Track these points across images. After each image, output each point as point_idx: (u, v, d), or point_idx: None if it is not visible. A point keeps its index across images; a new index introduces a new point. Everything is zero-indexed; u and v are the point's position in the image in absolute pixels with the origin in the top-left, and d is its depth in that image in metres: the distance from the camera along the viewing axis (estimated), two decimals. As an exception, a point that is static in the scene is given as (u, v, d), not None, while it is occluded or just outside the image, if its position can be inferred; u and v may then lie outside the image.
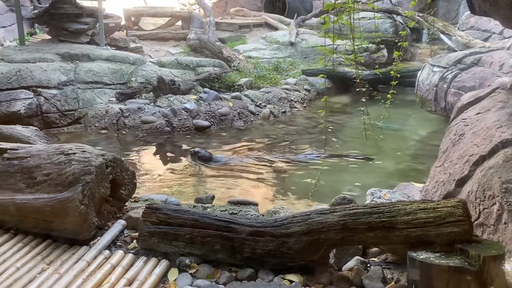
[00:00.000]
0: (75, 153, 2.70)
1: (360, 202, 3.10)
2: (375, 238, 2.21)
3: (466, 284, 1.90)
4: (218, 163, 5.05)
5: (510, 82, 3.32)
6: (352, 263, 2.45)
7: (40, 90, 6.10)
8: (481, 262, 1.90)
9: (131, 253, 2.55)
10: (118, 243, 2.67)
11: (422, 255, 2.02)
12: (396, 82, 4.34)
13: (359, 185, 4.44)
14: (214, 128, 6.39)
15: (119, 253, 2.53)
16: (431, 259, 1.99)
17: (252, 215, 3.09)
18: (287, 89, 7.81)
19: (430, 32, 10.16)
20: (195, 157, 5.11)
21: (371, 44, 9.58)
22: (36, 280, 2.29)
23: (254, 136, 6.26)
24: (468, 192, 2.55)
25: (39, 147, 2.90)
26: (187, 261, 2.40)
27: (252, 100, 7.17)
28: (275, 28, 11.91)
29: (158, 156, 5.53)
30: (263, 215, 3.12)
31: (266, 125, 6.75)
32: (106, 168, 2.73)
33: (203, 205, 3.34)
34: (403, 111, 7.14)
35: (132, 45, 9.59)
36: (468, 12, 9.42)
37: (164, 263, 2.43)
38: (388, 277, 2.37)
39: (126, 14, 11.64)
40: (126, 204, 3.08)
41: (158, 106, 6.48)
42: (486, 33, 9.28)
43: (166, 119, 6.24)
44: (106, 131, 6.12)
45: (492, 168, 2.44)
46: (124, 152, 5.41)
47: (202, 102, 6.64)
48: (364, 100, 4.11)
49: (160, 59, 8.15)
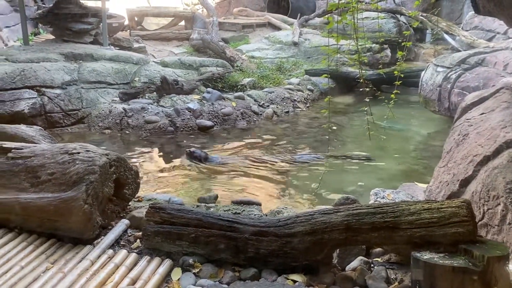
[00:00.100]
0: (79, 152, 2.71)
1: (363, 202, 3.11)
2: (379, 238, 2.21)
3: (470, 284, 1.90)
4: (214, 163, 5.06)
5: (514, 82, 3.31)
6: (356, 263, 2.45)
7: (44, 89, 6.11)
8: (485, 262, 1.89)
9: (135, 252, 2.56)
10: (122, 243, 2.68)
11: (426, 256, 2.02)
12: (399, 82, 4.32)
13: (363, 185, 4.44)
14: (217, 128, 6.39)
15: (123, 252, 2.54)
16: (435, 259, 1.98)
17: (255, 215, 3.09)
18: (290, 89, 7.80)
19: (434, 32, 10.13)
20: (191, 156, 5.12)
21: (374, 44, 9.57)
22: (40, 279, 2.30)
23: (257, 136, 6.26)
24: (472, 192, 2.54)
25: (43, 147, 2.91)
26: (191, 260, 2.40)
27: (255, 100, 7.17)
28: (278, 28, 11.90)
29: (161, 156, 5.54)
30: (266, 215, 3.12)
31: (269, 125, 6.75)
32: (110, 167, 2.74)
33: (206, 204, 3.34)
34: (407, 111, 7.13)
35: (136, 45, 9.61)
36: (472, 12, 9.38)
37: (167, 263, 2.44)
38: (392, 277, 2.36)
39: (130, 14, 11.67)
40: (130, 203, 3.09)
41: (161, 106, 6.49)
42: (490, 33, 9.24)
43: (170, 119, 6.25)
44: (109, 131, 6.13)
45: (496, 169, 2.44)
46: (128, 152, 5.42)
47: (205, 102, 6.65)
48: (367, 100, 4.10)
49: (163, 59, 8.15)
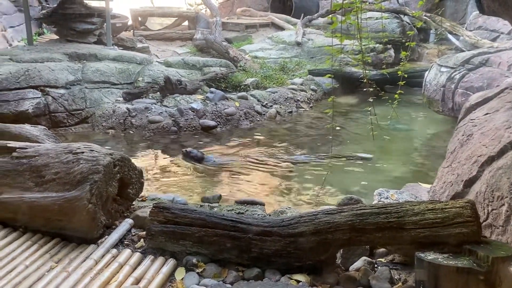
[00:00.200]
0: (83, 152, 2.72)
1: (367, 203, 3.10)
2: (383, 238, 2.21)
3: (474, 285, 1.89)
4: (210, 163, 5.07)
5: (519, 83, 3.29)
6: (359, 263, 2.45)
7: (48, 89, 6.14)
8: (489, 263, 1.89)
9: (139, 252, 2.56)
10: (126, 242, 2.69)
11: (430, 256, 2.01)
12: (403, 82, 4.31)
13: (366, 185, 4.43)
14: (221, 128, 6.39)
15: (127, 251, 2.55)
16: (439, 259, 1.97)
17: (258, 215, 3.09)
18: (293, 89, 7.80)
19: (438, 32, 10.11)
20: (187, 157, 5.13)
21: (378, 44, 9.55)
22: (44, 278, 2.31)
23: (259, 136, 6.26)
24: (477, 193, 2.53)
25: (48, 146, 2.92)
26: (194, 260, 2.40)
27: (258, 100, 7.18)
28: (282, 28, 11.91)
29: (165, 156, 5.55)
30: (270, 215, 3.12)
31: (272, 125, 6.75)
32: (114, 167, 2.75)
33: (210, 204, 3.35)
34: (410, 112, 7.12)
35: (139, 45, 9.63)
36: (476, 12, 9.36)
37: (171, 262, 2.44)
38: (396, 277, 2.36)
39: (133, 14, 11.69)
40: (134, 203, 3.09)
41: (164, 106, 6.50)
42: (494, 33, 9.21)
43: (173, 118, 6.26)
44: (113, 131, 6.15)
45: (501, 169, 2.43)
46: (131, 152, 5.43)
47: (208, 102, 6.65)
48: (371, 100, 4.09)
49: (166, 59, 8.17)
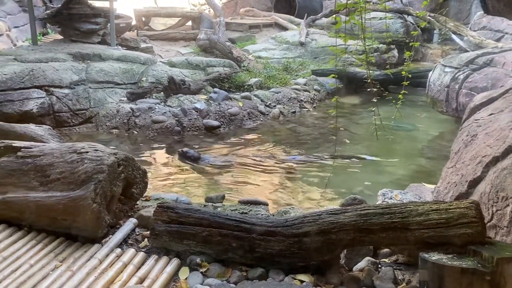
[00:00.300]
0: (87, 151, 2.73)
1: (371, 203, 3.10)
2: (387, 239, 2.21)
3: (479, 286, 1.89)
4: (207, 163, 5.09)
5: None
6: (363, 263, 2.45)
7: (52, 89, 6.15)
8: (494, 264, 1.88)
9: (143, 251, 2.57)
10: (130, 242, 2.70)
11: (434, 256, 2.01)
12: (407, 82, 4.31)
13: (370, 185, 4.43)
14: (224, 128, 6.40)
15: (131, 251, 2.55)
16: (444, 260, 1.97)
17: (262, 214, 3.09)
18: (297, 89, 7.80)
19: (442, 32, 10.08)
20: (184, 157, 5.14)
21: (381, 44, 9.54)
22: (49, 277, 2.32)
23: (263, 136, 6.26)
24: (481, 193, 2.53)
25: (52, 146, 2.93)
26: (198, 260, 2.41)
27: (262, 100, 7.18)
28: (285, 28, 11.90)
29: (168, 156, 5.56)
30: (273, 215, 3.12)
31: (275, 125, 6.75)
32: (118, 167, 2.75)
33: (214, 204, 3.35)
34: (414, 112, 7.10)
35: (143, 45, 9.65)
36: (480, 12, 9.34)
37: (175, 262, 2.45)
38: (399, 278, 2.36)
39: (137, 15, 11.71)
40: (138, 202, 3.10)
41: (168, 105, 6.51)
42: (499, 33, 9.19)
43: (177, 118, 6.27)
44: (117, 131, 6.16)
45: (505, 170, 2.42)
46: (135, 151, 5.44)
47: (212, 102, 6.66)
48: (375, 100, 4.09)
49: (170, 59, 8.18)
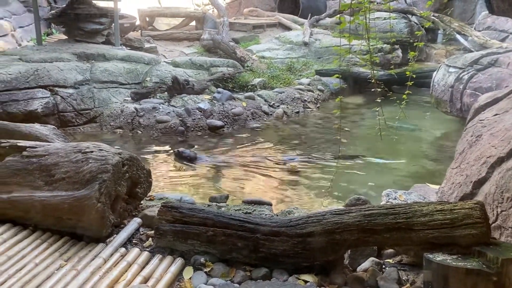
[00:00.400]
0: (92, 151, 2.74)
1: (375, 203, 3.09)
2: (391, 239, 2.20)
3: (483, 287, 1.88)
4: (203, 162, 5.10)
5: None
6: (367, 264, 2.44)
7: (56, 89, 6.18)
8: (499, 264, 1.88)
9: (147, 251, 2.58)
10: (134, 241, 2.70)
11: (439, 257, 2.00)
12: (411, 82, 4.29)
13: (374, 186, 4.42)
14: (228, 128, 6.41)
15: (135, 250, 2.56)
16: (448, 261, 1.97)
17: (266, 214, 3.09)
18: (300, 89, 7.80)
19: (447, 33, 10.05)
20: (180, 157, 5.15)
21: (385, 45, 9.52)
22: (54, 276, 2.33)
23: (266, 136, 6.27)
24: (486, 194, 2.52)
25: (57, 145, 2.95)
26: (202, 259, 2.41)
27: (265, 100, 7.18)
28: (289, 28, 11.89)
29: (172, 155, 5.56)
30: (277, 215, 3.12)
31: (279, 125, 6.75)
32: (123, 166, 2.76)
33: (218, 204, 3.35)
34: (418, 112, 7.09)
35: (147, 45, 9.67)
36: (485, 12, 9.31)
37: (179, 261, 2.45)
38: (404, 278, 2.35)
39: (141, 15, 11.74)
40: (142, 202, 3.11)
41: (172, 105, 6.53)
42: (504, 33, 9.15)
43: (180, 118, 6.28)
44: (121, 130, 6.18)
45: (510, 170, 2.41)
46: (139, 151, 5.46)
47: (215, 102, 6.67)
48: (379, 100, 4.08)
49: (174, 59, 8.20)
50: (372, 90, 4.22)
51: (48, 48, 7.46)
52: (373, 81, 4.08)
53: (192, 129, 6.22)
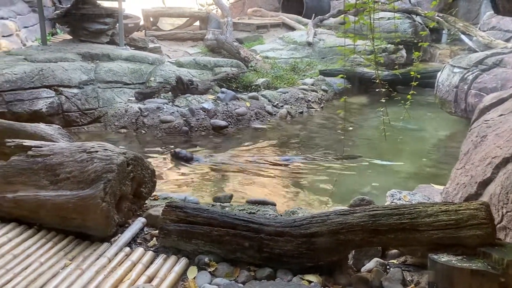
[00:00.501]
0: (97, 151, 2.74)
1: (379, 204, 3.09)
2: (396, 240, 2.20)
3: (488, 288, 1.88)
4: (199, 162, 5.12)
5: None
6: (371, 264, 2.44)
7: (61, 89, 6.21)
8: (504, 266, 1.87)
9: (151, 250, 2.58)
10: (138, 241, 2.71)
11: (444, 258, 2.00)
12: (415, 83, 4.29)
13: (378, 186, 4.41)
14: (231, 128, 6.41)
15: (140, 250, 2.57)
16: (453, 262, 1.96)
17: (270, 215, 3.09)
18: (304, 89, 7.79)
19: (451, 33, 10.02)
20: (176, 157, 5.17)
21: (389, 45, 9.50)
22: (59, 275, 2.34)
23: (270, 136, 6.27)
24: (491, 194, 2.51)
25: (62, 145, 2.96)
26: (206, 259, 2.41)
27: (269, 100, 7.18)
28: (293, 29, 11.89)
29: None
30: (281, 215, 3.12)
31: (283, 125, 6.75)
32: (127, 166, 2.77)
33: (222, 204, 3.36)
34: (423, 112, 7.07)
35: (151, 45, 9.70)
36: (490, 12, 9.27)
37: (183, 261, 2.45)
38: (408, 279, 2.34)
39: (145, 15, 11.77)
40: (146, 202, 3.12)
41: (176, 105, 6.54)
42: (508, 33, 9.12)
43: (184, 118, 6.29)
44: (125, 130, 6.20)
45: (515, 171, 2.40)
46: (143, 151, 5.47)
47: (219, 102, 6.67)
48: (383, 100, 4.08)
49: (178, 59, 8.21)
50: (377, 90, 4.22)
51: (53, 48, 7.48)
52: (377, 81, 4.08)
53: (196, 129, 6.23)
